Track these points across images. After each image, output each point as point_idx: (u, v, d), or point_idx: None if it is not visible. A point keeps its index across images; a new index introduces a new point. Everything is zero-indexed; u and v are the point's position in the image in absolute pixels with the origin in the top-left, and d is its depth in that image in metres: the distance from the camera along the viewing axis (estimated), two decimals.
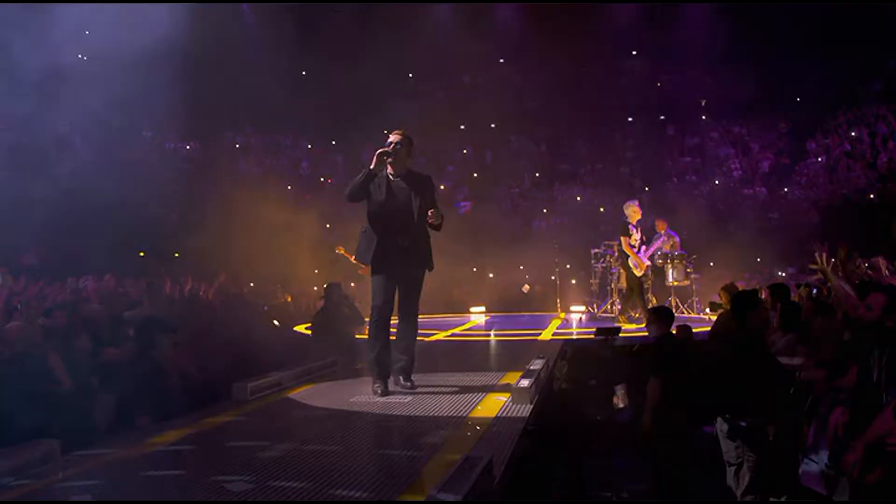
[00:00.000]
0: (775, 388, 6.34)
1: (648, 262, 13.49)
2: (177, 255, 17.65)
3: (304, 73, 22.50)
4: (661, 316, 8.21)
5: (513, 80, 23.47)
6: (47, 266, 16.81)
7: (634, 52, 24.64)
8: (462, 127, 23.69)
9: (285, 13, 21.10)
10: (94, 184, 19.24)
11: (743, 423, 6.25)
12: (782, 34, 21.09)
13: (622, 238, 13.33)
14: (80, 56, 21.25)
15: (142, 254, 18.21)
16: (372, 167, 6.86)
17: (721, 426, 6.45)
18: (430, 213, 6.88)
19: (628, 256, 13.19)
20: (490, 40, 23.11)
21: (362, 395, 6.92)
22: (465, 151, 24.00)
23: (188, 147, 22.08)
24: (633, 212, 13.37)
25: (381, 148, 6.94)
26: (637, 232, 13.36)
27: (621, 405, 9.14)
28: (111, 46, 18.62)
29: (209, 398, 7.00)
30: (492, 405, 6.36)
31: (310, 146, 24.23)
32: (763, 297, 8.78)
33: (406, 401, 6.67)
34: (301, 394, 7.19)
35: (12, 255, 17.19)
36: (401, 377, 7.15)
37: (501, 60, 24.35)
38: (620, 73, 24.84)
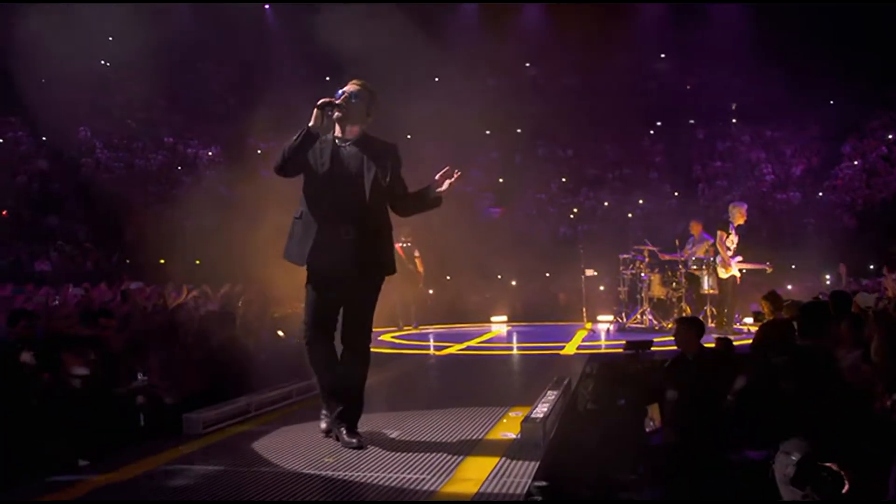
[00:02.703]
0: (853, 421, 4.88)
1: (736, 272, 12.00)
2: (198, 262, 16.56)
3: (327, 78, 21.28)
4: (689, 328, 7.05)
5: (539, 83, 22.15)
6: (60, 272, 15.79)
7: (663, 55, 23.23)
8: (488, 132, 22.38)
9: (308, 16, 19.93)
10: (114, 189, 18.36)
11: (821, 466, 4.76)
12: (814, 35, 19.68)
13: (718, 232, 11.89)
14: (102, 62, 20.37)
15: (161, 261, 17.14)
16: (311, 124, 4.70)
17: (784, 467, 4.94)
18: (439, 180, 4.90)
19: (717, 256, 11.80)
20: (516, 43, 21.84)
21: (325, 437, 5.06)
22: (490, 156, 22.61)
23: (210, 153, 20.91)
24: (739, 214, 12.04)
25: (326, 98, 4.79)
26: (736, 236, 11.92)
27: (653, 427, 7.79)
28: (134, 52, 17.79)
29: (171, 428, 5.54)
30: (492, 448, 4.82)
31: None
32: None
33: (387, 439, 5.11)
34: (266, 427, 5.54)
35: (26, 261, 16.34)
36: (342, 429, 4.88)
37: (528, 64, 23.04)
38: (649, 76, 23.45)
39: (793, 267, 16.66)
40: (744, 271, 12.70)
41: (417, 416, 5.71)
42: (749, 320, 12.90)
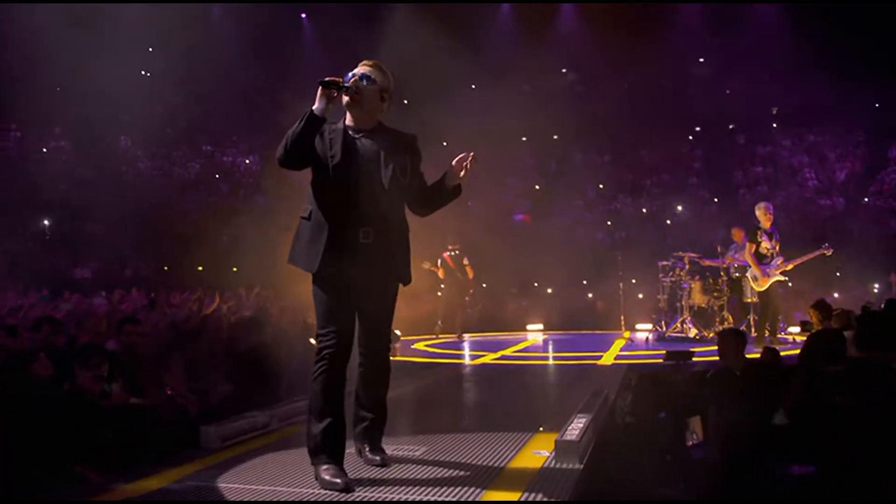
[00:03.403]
0: None
1: (779, 276, 11.33)
2: (235, 269, 16.46)
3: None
4: (732, 340, 6.72)
5: (576, 89, 21.75)
6: (100, 279, 15.80)
7: (701, 60, 22.65)
8: (524, 139, 22.06)
9: (344, 27, 19.81)
10: (153, 198, 18.39)
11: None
12: (858, 36, 18.99)
13: (747, 244, 11.32)
14: (143, 72, 20.44)
15: (200, 268, 17.10)
16: (315, 106, 4.02)
17: None
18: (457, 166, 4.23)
19: (748, 267, 11.27)
20: (552, 49, 21.49)
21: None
22: (526, 163, 22.28)
23: (247, 161, 20.83)
24: (762, 215, 11.28)
25: (331, 76, 4.12)
26: (769, 240, 11.24)
27: (696, 441, 7.38)
28: (173, 63, 17.80)
29: (189, 441, 5.27)
30: (525, 467, 4.46)
31: None
32: None
33: (413, 456, 4.75)
34: (288, 441, 5.19)
35: (66, 268, 16.40)
36: (366, 445, 4.49)
37: (564, 70, 22.67)
38: (687, 81, 22.86)
39: (837, 275, 16.05)
40: (787, 277, 12.13)
41: (447, 431, 5.37)
42: (795, 329, 12.37)
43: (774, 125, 22.50)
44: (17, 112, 18.49)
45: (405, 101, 21.31)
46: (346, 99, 4.17)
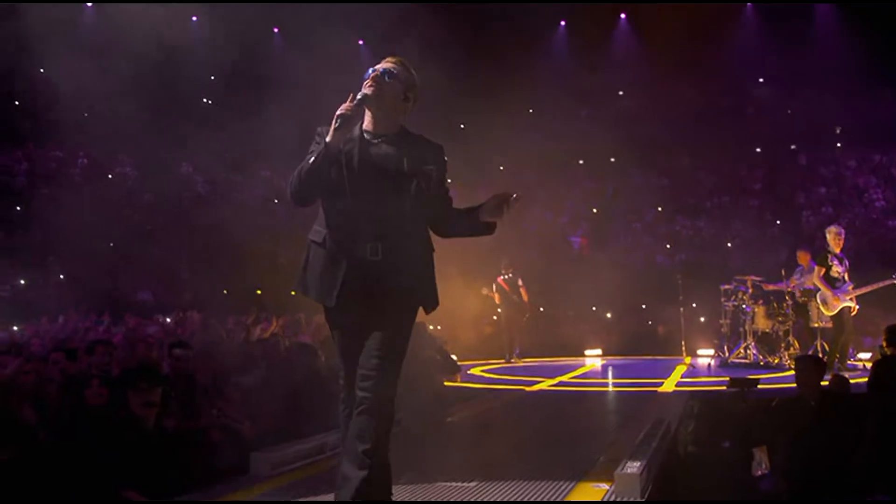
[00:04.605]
0: None
1: (849, 302, 10.81)
2: (293, 293, 16.53)
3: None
4: (812, 367, 6.35)
5: (633, 111, 21.44)
6: (161, 302, 15.97)
7: (761, 80, 22.16)
8: (581, 161, 21.82)
9: (399, 47, 19.88)
10: (212, 221, 18.59)
11: None
12: None
13: (816, 268, 10.93)
14: (205, 101, 20.82)
15: (258, 291, 17.24)
16: (329, 139, 3.57)
17: None
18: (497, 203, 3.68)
19: (816, 291, 10.88)
20: (608, 73, 21.26)
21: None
22: (584, 186, 22.02)
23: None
24: (832, 239, 10.87)
25: (346, 106, 3.62)
26: (839, 264, 10.83)
27: (763, 472, 7.06)
28: (232, 87, 18.07)
29: (239, 467, 5.18)
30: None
31: None
32: None
33: (465, 488, 4.55)
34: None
35: (130, 290, 16.61)
36: None
37: (621, 93, 22.41)
38: (746, 100, 22.39)
39: None
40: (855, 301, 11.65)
41: (502, 460, 5.18)
42: (865, 356, 11.84)
43: (838, 145, 21.89)
44: (84, 139, 18.96)
45: (462, 126, 21.33)
46: (364, 90, 3.68)
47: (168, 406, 5.63)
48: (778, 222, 19.87)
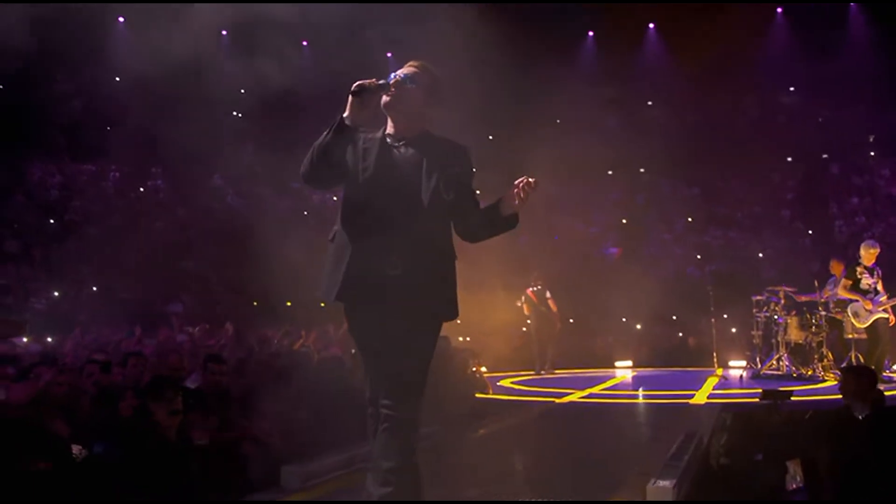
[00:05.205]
0: None
1: (883, 313, 10.60)
2: (322, 304, 16.60)
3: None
4: (860, 379, 6.08)
5: (662, 121, 21.32)
6: (193, 314, 16.10)
7: (791, 88, 21.92)
8: (610, 172, 21.71)
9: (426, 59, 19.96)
10: (242, 233, 18.74)
11: None
12: None
13: (843, 280, 10.82)
14: (235, 114, 21.00)
15: (288, 304, 17.31)
16: (345, 113, 3.49)
17: None
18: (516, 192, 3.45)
19: (850, 303, 10.74)
20: (636, 83, 21.19)
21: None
22: (613, 197, 21.91)
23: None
24: (866, 252, 10.77)
25: (364, 80, 3.53)
26: (871, 276, 10.67)
27: (797, 485, 6.95)
28: (261, 103, 18.22)
29: (269, 480, 5.19)
30: None
31: None
32: None
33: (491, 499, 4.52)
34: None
35: (162, 302, 16.77)
36: None
37: (650, 103, 22.30)
38: (777, 110, 22.13)
39: None
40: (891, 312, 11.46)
41: (532, 474, 5.16)
42: None
43: (871, 153, 21.58)
44: (116, 153, 19.22)
45: (490, 137, 21.34)
46: (384, 99, 3.57)
47: (196, 417, 5.67)
48: (810, 232, 19.70)
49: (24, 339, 10.29)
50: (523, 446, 6.81)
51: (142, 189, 20.34)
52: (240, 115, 21.26)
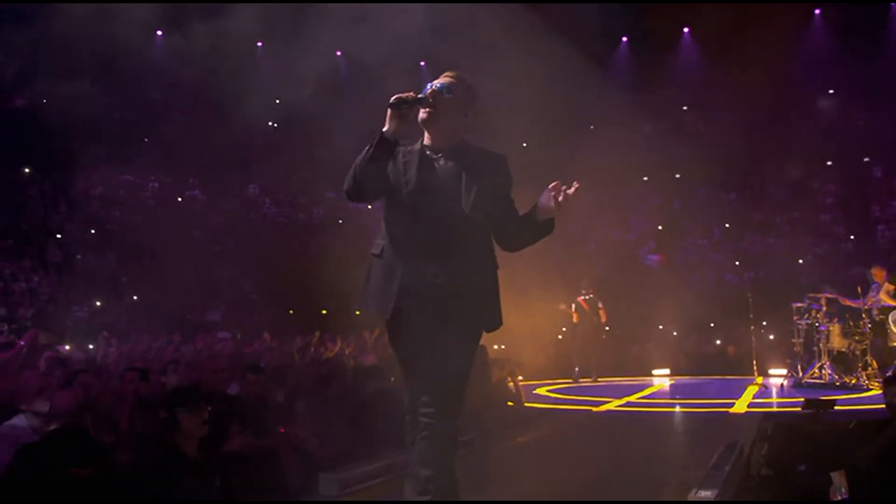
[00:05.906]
0: None
1: None
2: (357, 312, 16.66)
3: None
4: None
5: (698, 126, 21.13)
6: (231, 322, 16.27)
7: (831, 91, 21.59)
8: (645, 178, 21.55)
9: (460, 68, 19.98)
10: (278, 241, 18.91)
11: None
12: None
13: (886, 284, 10.67)
14: (270, 124, 21.18)
15: (324, 311, 17.42)
16: (385, 128, 3.51)
17: None
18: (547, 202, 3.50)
19: (892, 308, 10.54)
20: (672, 88, 21.06)
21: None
22: (649, 203, 21.75)
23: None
24: None
25: (401, 93, 3.53)
26: None
27: (841, 496, 6.82)
28: (295, 113, 18.38)
29: (307, 488, 5.22)
30: None
31: None
32: None
33: None
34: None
35: (200, 311, 16.97)
36: None
37: (685, 108, 22.11)
38: (817, 112, 21.80)
39: None
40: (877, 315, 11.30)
41: (569, 485, 5.13)
42: None
43: None
44: (156, 164, 19.52)
45: (524, 145, 21.30)
46: (421, 115, 3.61)
47: (234, 425, 5.72)
48: (851, 237, 19.38)
49: (66, 347, 10.49)
50: (560, 456, 6.76)
51: (179, 199, 20.62)
52: (275, 125, 21.47)
